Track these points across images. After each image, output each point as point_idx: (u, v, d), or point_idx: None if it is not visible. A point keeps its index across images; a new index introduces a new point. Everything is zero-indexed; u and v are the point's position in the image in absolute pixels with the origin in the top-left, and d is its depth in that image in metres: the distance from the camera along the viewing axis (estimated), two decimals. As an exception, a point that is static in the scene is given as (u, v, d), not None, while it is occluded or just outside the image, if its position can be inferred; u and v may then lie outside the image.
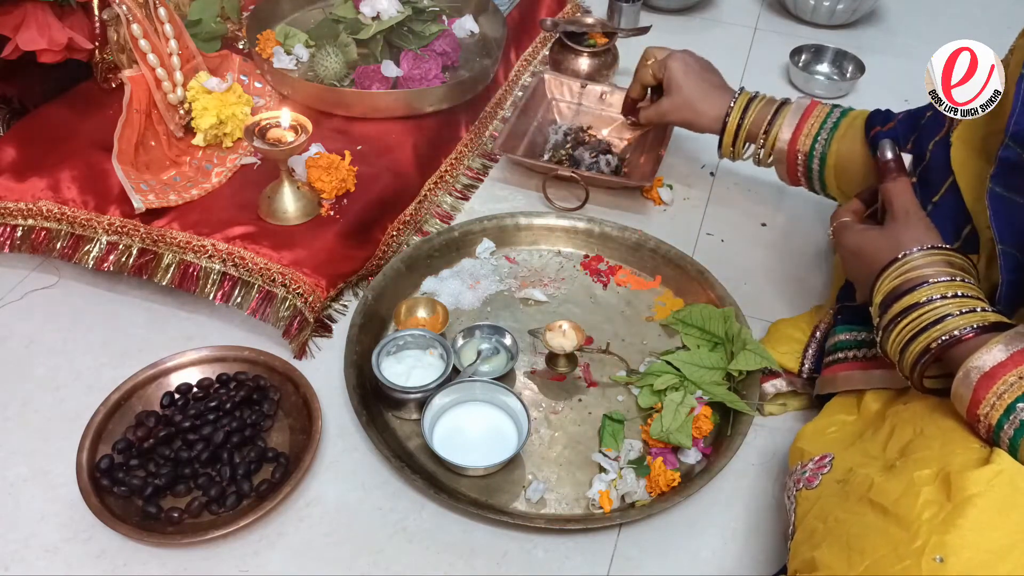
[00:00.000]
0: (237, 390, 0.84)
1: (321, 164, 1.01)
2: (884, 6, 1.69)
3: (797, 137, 0.97)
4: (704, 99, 1.03)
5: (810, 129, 0.97)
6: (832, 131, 0.95)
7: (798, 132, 0.97)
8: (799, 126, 0.97)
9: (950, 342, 0.67)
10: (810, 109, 0.98)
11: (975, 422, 0.64)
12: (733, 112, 1.01)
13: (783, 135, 0.98)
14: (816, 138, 0.96)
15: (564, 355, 0.90)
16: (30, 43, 0.97)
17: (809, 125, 0.97)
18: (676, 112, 1.05)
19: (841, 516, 0.63)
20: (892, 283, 0.73)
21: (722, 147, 1.04)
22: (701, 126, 1.05)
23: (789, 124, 0.98)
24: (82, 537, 0.76)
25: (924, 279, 0.71)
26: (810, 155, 0.97)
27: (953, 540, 0.54)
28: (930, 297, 0.69)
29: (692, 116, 1.04)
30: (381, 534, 0.78)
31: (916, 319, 0.69)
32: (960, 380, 0.65)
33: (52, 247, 0.97)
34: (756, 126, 1.00)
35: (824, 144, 0.96)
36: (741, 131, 1.01)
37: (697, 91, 1.03)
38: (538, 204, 1.15)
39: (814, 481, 0.70)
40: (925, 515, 0.57)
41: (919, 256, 0.72)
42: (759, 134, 1.00)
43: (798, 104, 0.99)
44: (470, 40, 1.31)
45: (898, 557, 0.56)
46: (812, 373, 0.89)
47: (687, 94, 1.04)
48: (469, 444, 0.83)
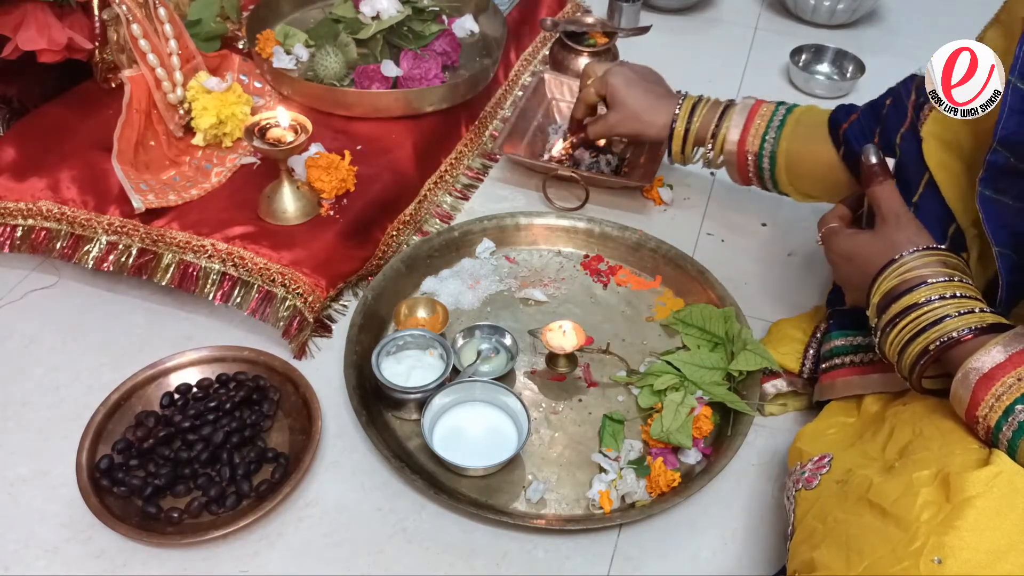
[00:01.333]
0: (237, 390, 0.84)
1: (321, 164, 1.01)
2: (884, 6, 1.69)
3: (745, 138, 0.98)
4: (649, 109, 1.03)
5: (757, 129, 0.97)
6: (779, 129, 0.96)
7: (745, 133, 0.97)
8: (746, 126, 0.98)
9: (949, 343, 0.67)
10: (755, 109, 0.98)
11: (974, 423, 0.64)
12: (679, 118, 1.01)
13: (731, 136, 0.98)
14: (764, 137, 0.97)
15: (564, 355, 0.90)
16: (30, 43, 0.97)
17: (756, 125, 0.97)
18: (622, 125, 1.05)
19: (840, 517, 0.63)
20: (890, 284, 0.72)
21: (671, 154, 1.04)
22: (649, 136, 1.04)
23: (736, 125, 0.98)
24: (82, 537, 0.76)
25: (922, 279, 0.70)
26: (759, 155, 0.97)
27: (952, 541, 0.54)
28: (929, 298, 0.69)
29: (639, 127, 1.04)
30: (381, 534, 0.78)
31: (915, 320, 0.69)
32: (959, 381, 0.65)
33: (52, 247, 0.97)
34: (703, 129, 1.00)
35: (773, 143, 0.96)
36: (689, 136, 1.01)
37: (642, 102, 1.03)
38: (538, 204, 1.15)
39: (813, 481, 0.70)
40: (924, 516, 0.57)
41: (915, 257, 0.72)
42: (707, 137, 1.00)
43: (743, 104, 0.99)
44: (470, 40, 1.31)
45: (897, 558, 0.56)
46: (812, 373, 0.89)
47: (632, 106, 1.03)
48: (469, 444, 0.83)
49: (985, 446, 0.63)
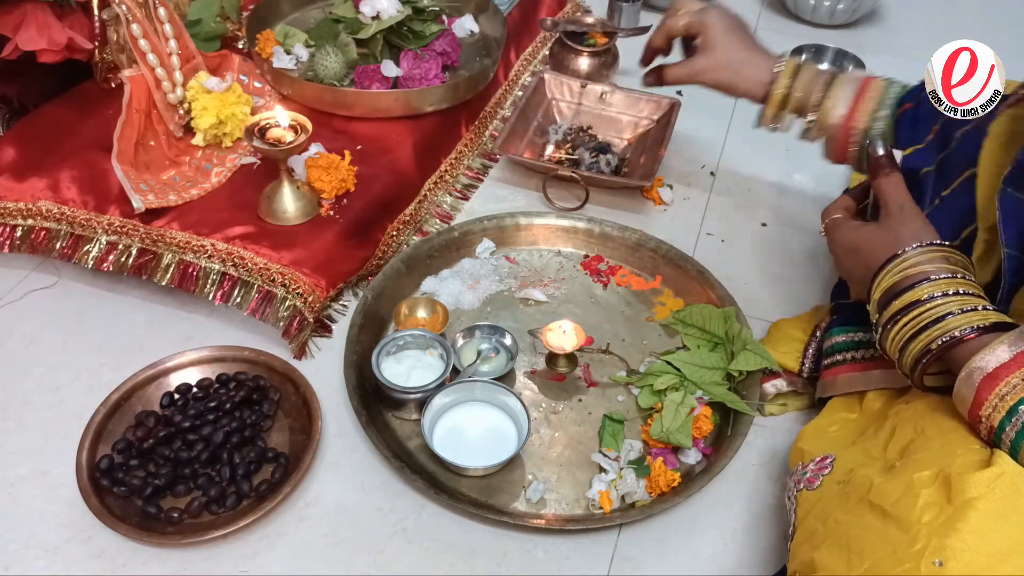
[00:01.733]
0: (237, 390, 0.84)
1: (321, 164, 1.01)
2: (884, 6, 1.69)
3: (853, 115, 0.91)
4: (747, 62, 0.95)
5: (866, 107, 0.91)
6: (893, 108, 0.90)
7: (854, 110, 0.91)
8: (855, 103, 0.91)
9: (951, 343, 0.66)
10: (865, 84, 0.92)
11: (977, 423, 0.63)
12: (780, 79, 0.94)
13: (837, 111, 0.92)
14: (875, 115, 0.90)
15: (564, 355, 0.90)
16: (30, 43, 0.97)
17: (866, 102, 0.91)
18: (713, 72, 0.97)
19: (841, 517, 0.63)
20: (891, 279, 0.72)
21: (763, 116, 0.98)
22: (740, 90, 0.98)
23: (844, 100, 0.91)
24: (82, 537, 0.76)
25: (925, 276, 0.70)
26: (868, 135, 0.91)
27: (953, 543, 0.54)
28: (931, 295, 0.68)
29: (732, 78, 0.97)
30: (381, 534, 0.78)
31: (916, 317, 0.69)
32: (963, 380, 0.64)
33: (52, 247, 0.97)
34: (805, 98, 0.93)
35: (885, 123, 0.90)
36: (788, 102, 0.94)
37: (740, 52, 0.96)
38: (538, 204, 1.15)
39: (815, 482, 0.70)
40: (925, 518, 0.56)
41: (918, 253, 0.71)
42: (807, 107, 0.93)
43: (851, 77, 0.92)
44: (470, 40, 1.31)
45: (898, 560, 0.55)
46: (812, 373, 0.89)
47: (729, 54, 0.96)
48: (469, 444, 0.83)
49: (987, 446, 0.63)
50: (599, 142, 1.22)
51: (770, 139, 1.31)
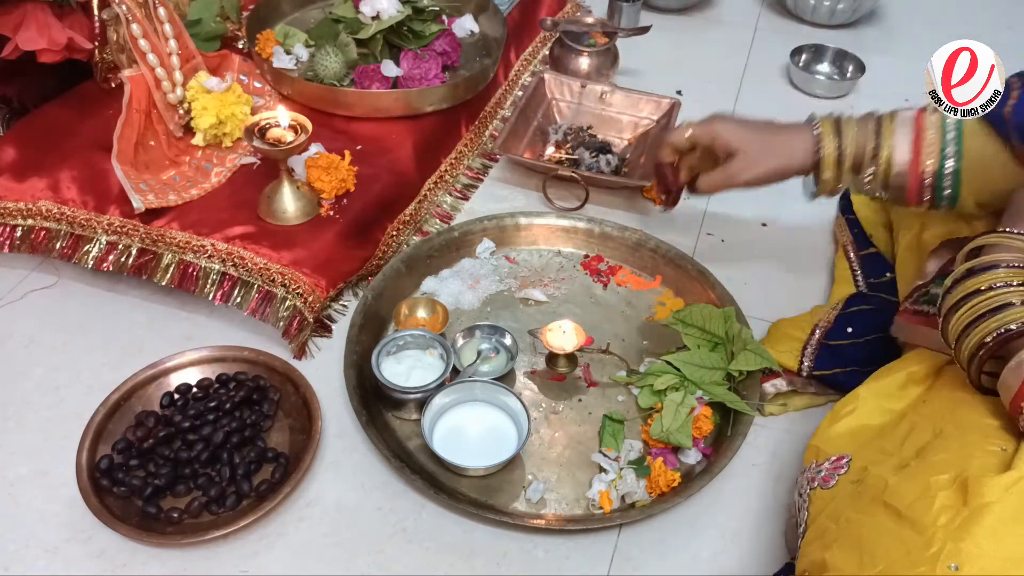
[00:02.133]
0: (237, 390, 0.84)
1: (321, 164, 1.01)
2: (884, 6, 1.69)
3: (918, 158, 0.81)
4: (781, 142, 0.87)
5: (931, 144, 0.81)
6: (959, 141, 0.80)
7: (918, 151, 0.81)
8: (916, 143, 0.81)
9: (1007, 335, 0.64)
10: (920, 120, 0.82)
11: (1017, 413, 0.63)
12: (825, 140, 0.84)
13: (899, 157, 0.82)
14: (944, 153, 0.81)
15: (564, 355, 0.90)
16: (30, 43, 0.97)
17: (928, 139, 0.81)
18: (753, 168, 0.88)
19: (854, 517, 0.62)
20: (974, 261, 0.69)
21: (822, 184, 0.87)
22: (792, 170, 0.87)
23: (902, 142, 0.82)
24: (82, 537, 0.76)
25: (1008, 263, 0.67)
26: (939, 175, 0.81)
27: (969, 548, 0.53)
28: (993, 284, 0.67)
29: (776, 163, 0.87)
30: (381, 534, 0.78)
31: (976, 305, 0.67)
32: (1011, 369, 0.64)
33: (52, 247, 0.97)
34: (860, 150, 0.84)
35: (956, 159, 0.80)
36: (844, 159, 0.84)
37: (767, 136, 0.87)
38: (538, 204, 1.15)
39: (830, 481, 0.69)
40: (941, 520, 0.56)
41: (1014, 236, 0.69)
42: (865, 160, 0.84)
43: (902, 118, 0.83)
44: (470, 40, 1.31)
45: (912, 563, 0.55)
46: (812, 370, 0.89)
47: (759, 143, 0.87)
48: (469, 444, 0.83)
49: (1011, 446, 0.62)
50: (599, 142, 1.22)
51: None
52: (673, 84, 1.39)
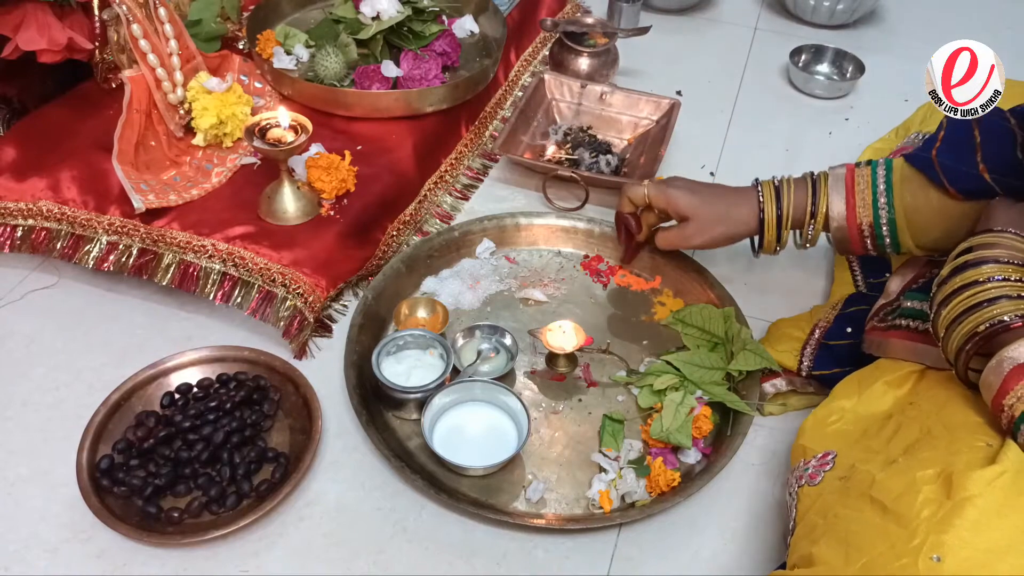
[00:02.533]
0: (237, 390, 0.84)
1: (321, 164, 1.01)
2: (884, 6, 1.69)
3: (853, 212, 0.87)
4: (731, 206, 0.92)
5: (863, 198, 0.86)
6: (889, 192, 0.85)
7: (851, 206, 0.87)
8: (848, 199, 0.87)
9: (998, 328, 0.65)
10: (850, 177, 0.88)
11: (999, 412, 0.63)
12: (765, 203, 0.90)
13: (835, 211, 0.88)
14: (876, 205, 0.86)
15: (564, 355, 0.90)
16: (30, 43, 0.97)
17: (860, 193, 0.87)
18: (704, 233, 0.92)
19: (841, 512, 0.63)
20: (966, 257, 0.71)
21: (766, 244, 0.92)
22: (740, 235, 0.93)
23: (837, 199, 0.87)
24: (82, 537, 0.76)
25: (995, 258, 0.69)
26: (876, 224, 0.86)
27: (950, 539, 0.54)
28: (990, 276, 0.68)
29: (726, 229, 0.92)
30: (381, 534, 0.78)
31: (969, 297, 0.68)
32: (992, 368, 0.64)
33: (52, 247, 0.97)
34: (799, 210, 0.89)
35: (888, 208, 0.85)
36: (784, 220, 0.89)
37: (719, 202, 0.92)
38: (538, 204, 1.15)
39: (816, 478, 0.70)
40: (924, 513, 0.57)
41: (1010, 236, 0.71)
42: (805, 219, 0.89)
43: (834, 175, 0.89)
44: (470, 40, 1.31)
45: (896, 555, 0.56)
46: (811, 370, 0.89)
47: (710, 209, 0.92)
48: (469, 444, 0.83)
49: (996, 441, 0.62)
50: (599, 142, 1.22)
51: (770, 139, 1.32)
52: (673, 84, 1.39)
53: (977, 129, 0.81)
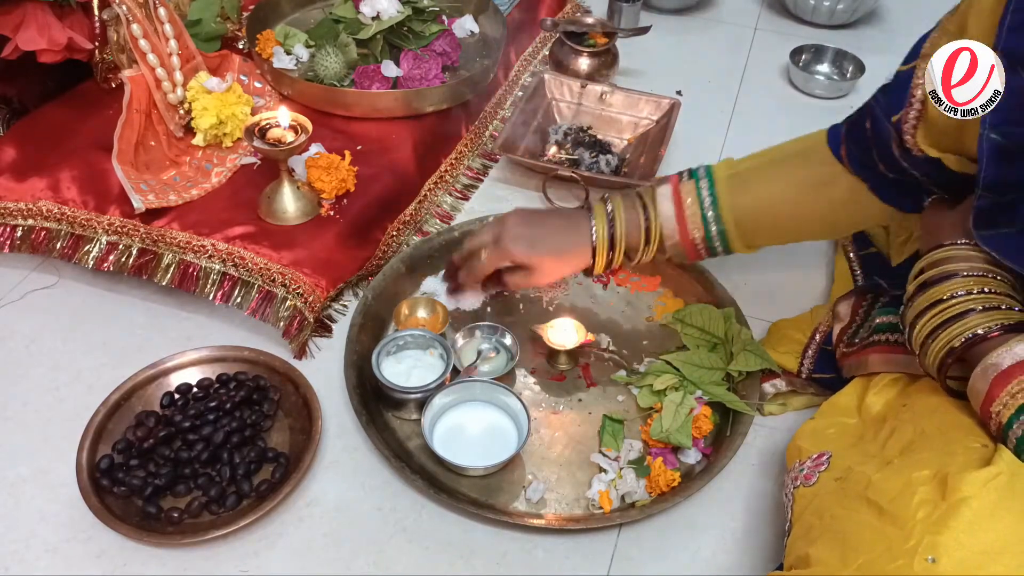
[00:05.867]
0: (237, 390, 0.84)
1: (321, 164, 1.01)
2: (884, 6, 1.69)
3: (685, 229, 0.86)
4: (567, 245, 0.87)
5: (692, 215, 0.86)
6: (715, 205, 0.85)
7: (683, 223, 0.86)
8: (679, 216, 0.86)
9: (974, 340, 0.66)
10: (677, 192, 0.86)
11: (988, 418, 0.64)
12: (596, 226, 0.86)
13: (668, 231, 0.86)
14: (705, 218, 0.85)
15: (564, 352, 0.90)
16: (30, 43, 0.97)
17: (688, 209, 0.86)
18: (551, 275, 0.90)
19: (837, 513, 0.63)
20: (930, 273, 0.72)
21: (595, 266, 0.88)
22: (585, 266, 0.89)
23: (668, 218, 0.86)
24: (82, 537, 0.76)
25: (956, 272, 0.70)
26: (708, 237, 0.86)
27: (946, 540, 0.54)
28: (954, 292, 0.69)
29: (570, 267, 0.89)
30: (381, 534, 0.78)
31: (939, 313, 0.69)
32: (977, 376, 0.65)
33: (52, 247, 0.97)
34: (633, 234, 0.86)
35: (716, 221, 0.85)
36: (617, 244, 0.86)
37: (555, 245, 0.88)
38: (538, 204, 1.15)
39: (812, 478, 0.70)
40: (919, 515, 0.57)
41: (957, 248, 0.71)
42: (639, 243, 0.87)
43: (660, 192, 0.87)
44: (470, 40, 1.31)
45: (891, 556, 0.56)
46: (812, 373, 0.89)
47: (549, 254, 0.87)
48: (469, 444, 0.83)
49: (988, 445, 0.63)
50: (599, 142, 1.22)
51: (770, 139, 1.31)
52: (673, 84, 1.39)
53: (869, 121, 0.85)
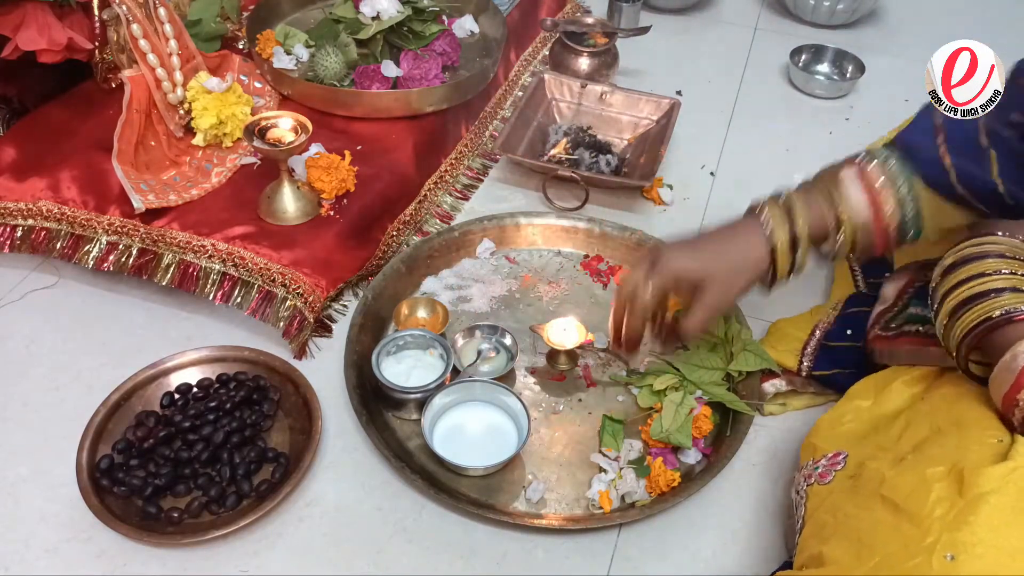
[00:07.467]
0: (237, 390, 0.84)
1: (321, 164, 1.01)
2: (884, 6, 1.69)
3: (879, 211, 0.76)
4: (738, 252, 0.78)
5: (887, 196, 0.77)
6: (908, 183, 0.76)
7: (876, 206, 0.76)
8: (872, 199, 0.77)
9: (1011, 317, 0.65)
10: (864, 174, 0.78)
11: (1012, 407, 0.63)
12: (776, 229, 0.77)
13: (860, 217, 0.77)
14: (899, 195, 0.76)
15: (564, 352, 0.90)
16: (30, 43, 0.97)
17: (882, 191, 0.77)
18: (729, 292, 0.78)
19: (851, 511, 0.62)
20: (967, 251, 0.71)
21: (779, 273, 0.79)
22: (764, 274, 0.79)
23: (858, 201, 0.77)
24: (82, 537, 0.76)
25: (1000, 253, 0.69)
26: (903, 219, 0.77)
27: (965, 538, 0.53)
28: (998, 269, 0.68)
29: (748, 277, 0.78)
30: (381, 534, 0.78)
31: (976, 284, 0.68)
32: (1005, 363, 0.64)
33: (52, 247, 0.97)
34: (818, 222, 0.77)
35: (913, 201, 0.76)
36: (799, 242, 0.77)
37: (724, 252, 0.78)
38: (538, 204, 1.15)
39: (827, 477, 0.69)
40: (937, 512, 0.56)
41: (1002, 236, 0.71)
42: (827, 230, 0.78)
43: (846, 176, 0.78)
44: (470, 40, 1.31)
45: (908, 554, 0.55)
46: (811, 370, 0.89)
47: (722, 264, 0.77)
48: (469, 444, 0.83)
49: (1007, 436, 0.62)
50: (599, 142, 1.22)
51: (770, 139, 1.32)
52: (673, 84, 1.39)
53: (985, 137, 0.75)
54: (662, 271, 0.77)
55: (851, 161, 0.80)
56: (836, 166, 0.81)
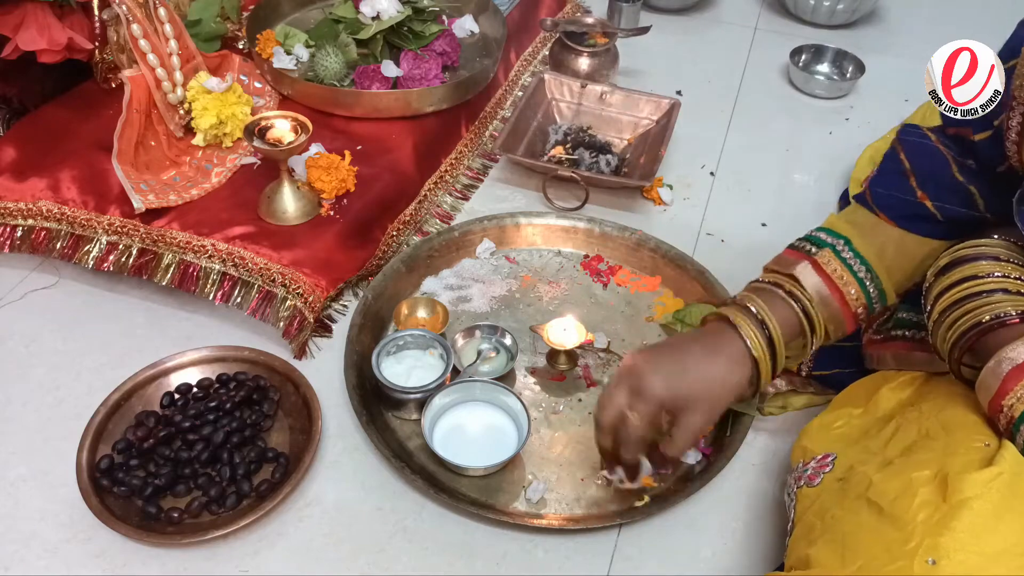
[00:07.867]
0: (237, 390, 0.84)
1: (321, 164, 1.01)
2: (884, 6, 1.69)
3: (843, 299, 0.76)
4: (717, 369, 0.73)
5: (846, 282, 0.76)
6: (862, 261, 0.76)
7: (837, 293, 0.76)
8: (832, 288, 0.76)
9: (1000, 321, 0.65)
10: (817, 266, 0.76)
11: (997, 412, 0.63)
12: (747, 334, 0.73)
13: (826, 309, 0.76)
14: (861, 281, 0.76)
15: (564, 352, 0.90)
16: (30, 43, 0.97)
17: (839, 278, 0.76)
18: (713, 412, 0.74)
19: (838, 514, 0.63)
20: (962, 252, 0.71)
21: (761, 384, 0.75)
22: (746, 388, 0.75)
23: (819, 293, 0.76)
24: (82, 537, 0.76)
25: (994, 256, 0.69)
26: (868, 299, 0.77)
27: (947, 542, 0.54)
28: (990, 272, 0.68)
29: (731, 395, 0.74)
30: (381, 534, 0.78)
31: (969, 287, 0.68)
32: (990, 369, 0.64)
33: (52, 247, 0.97)
34: (788, 327, 0.75)
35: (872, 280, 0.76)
36: (777, 344, 0.74)
37: (702, 372, 0.73)
38: (538, 204, 1.15)
39: (815, 479, 0.70)
40: (920, 516, 0.56)
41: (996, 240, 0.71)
42: (797, 329, 0.75)
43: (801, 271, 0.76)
44: (470, 40, 1.31)
45: (891, 558, 0.55)
46: (811, 370, 0.89)
47: (701, 384, 0.72)
48: (469, 444, 0.83)
49: (994, 441, 0.62)
50: (599, 142, 1.22)
51: (770, 139, 1.32)
52: (673, 84, 1.39)
53: (903, 153, 0.78)
54: (648, 400, 0.71)
55: (798, 253, 0.78)
56: (785, 261, 0.78)
